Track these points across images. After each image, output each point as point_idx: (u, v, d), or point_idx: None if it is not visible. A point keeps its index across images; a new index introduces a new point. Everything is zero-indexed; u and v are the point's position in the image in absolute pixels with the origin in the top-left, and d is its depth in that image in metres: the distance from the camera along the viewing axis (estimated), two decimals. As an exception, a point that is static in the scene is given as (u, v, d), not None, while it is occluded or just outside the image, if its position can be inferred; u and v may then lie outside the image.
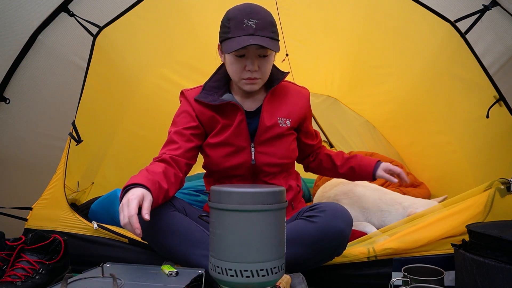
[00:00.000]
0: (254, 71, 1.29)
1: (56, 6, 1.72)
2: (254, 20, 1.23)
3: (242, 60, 1.28)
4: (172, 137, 1.35)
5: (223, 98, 1.37)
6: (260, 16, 1.24)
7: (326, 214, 1.19)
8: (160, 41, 2.14)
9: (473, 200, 1.37)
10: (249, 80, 1.31)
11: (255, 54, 1.27)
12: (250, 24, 1.22)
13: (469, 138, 1.92)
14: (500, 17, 1.61)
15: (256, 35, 1.22)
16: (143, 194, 1.05)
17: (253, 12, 1.24)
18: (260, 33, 1.23)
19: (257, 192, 0.93)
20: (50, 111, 1.96)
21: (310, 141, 1.54)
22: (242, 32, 1.23)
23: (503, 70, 1.68)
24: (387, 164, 1.54)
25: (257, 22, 1.23)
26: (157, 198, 1.13)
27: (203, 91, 1.39)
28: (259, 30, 1.23)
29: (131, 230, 1.01)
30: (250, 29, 1.22)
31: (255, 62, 1.28)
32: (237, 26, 1.24)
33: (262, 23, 1.24)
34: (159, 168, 1.20)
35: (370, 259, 1.32)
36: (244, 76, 1.30)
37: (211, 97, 1.37)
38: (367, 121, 3.07)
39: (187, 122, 1.37)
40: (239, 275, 0.91)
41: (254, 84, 1.32)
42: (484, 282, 1.06)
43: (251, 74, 1.29)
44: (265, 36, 1.23)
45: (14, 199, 1.74)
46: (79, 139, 1.74)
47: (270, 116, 1.37)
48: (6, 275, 1.18)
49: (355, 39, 2.26)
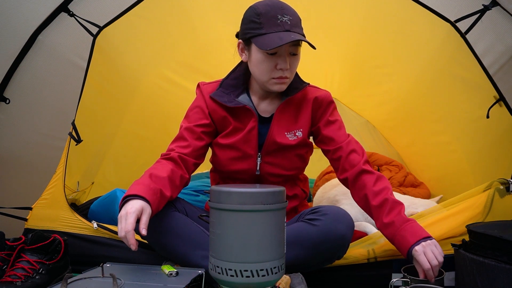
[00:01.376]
0: (286, 69, 1.24)
1: (56, 6, 1.72)
2: (288, 16, 1.18)
3: (274, 58, 1.22)
4: (183, 133, 1.32)
5: (239, 100, 1.32)
6: (292, 12, 1.21)
7: (327, 217, 1.18)
8: (160, 41, 2.14)
9: (473, 201, 1.37)
10: (280, 79, 1.25)
11: (288, 51, 1.22)
12: (285, 20, 1.17)
13: (469, 138, 1.92)
14: (500, 17, 1.61)
15: (292, 31, 1.18)
16: (142, 208, 1.04)
17: (285, 8, 1.20)
18: (295, 30, 1.19)
19: (257, 192, 0.93)
20: (50, 111, 1.96)
21: (325, 146, 1.37)
22: (278, 28, 1.17)
23: (503, 70, 1.68)
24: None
25: (291, 18, 1.19)
26: (157, 208, 1.12)
27: (219, 89, 1.34)
28: (293, 27, 1.19)
29: (127, 244, 1.02)
30: (286, 25, 1.17)
31: (287, 60, 1.22)
32: (271, 21, 1.17)
33: (295, 20, 1.20)
34: (165, 172, 1.18)
35: (370, 261, 1.32)
36: (275, 75, 1.24)
37: (227, 97, 1.32)
38: (367, 121, 3.07)
39: (199, 118, 1.33)
40: (239, 275, 0.91)
41: (283, 84, 1.27)
42: (484, 282, 1.06)
43: (283, 73, 1.24)
44: (299, 32, 1.20)
45: (14, 199, 1.74)
46: (79, 139, 1.74)
47: (279, 128, 1.32)
48: (6, 275, 1.17)
49: (355, 39, 2.26)
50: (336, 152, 1.32)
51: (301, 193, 1.44)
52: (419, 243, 1.13)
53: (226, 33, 1.98)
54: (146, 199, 1.07)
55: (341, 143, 1.32)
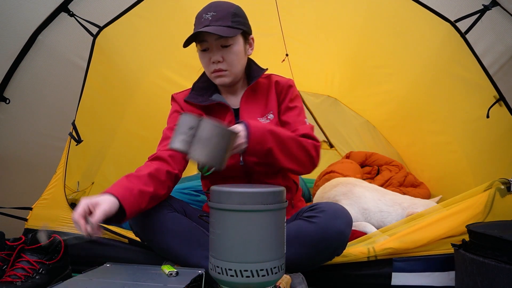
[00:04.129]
0: (218, 62, 1.28)
1: (56, 6, 1.72)
2: (211, 13, 1.24)
3: (207, 54, 1.29)
4: (166, 134, 1.36)
5: (212, 98, 1.37)
6: (220, 8, 1.26)
7: (325, 214, 1.18)
8: (160, 41, 2.14)
9: (473, 200, 1.37)
10: (216, 73, 1.30)
11: (217, 45, 1.27)
12: (207, 17, 1.24)
13: (469, 138, 1.92)
14: (500, 17, 1.61)
15: (211, 25, 1.23)
16: (97, 201, 1.03)
17: (213, 6, 1.26)
18: (215, 24, 1.23)
19: (257, 192, 0.93)
20: (50, 111, 1.96)
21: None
22: (199, 26, 1.25)
23: (503, 70, 1.68)
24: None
25: (214, 14, 1.24)
26: (137, 204, 1.11)
27: (192, 92, 1.40)
28: (214, 21, 1.23)
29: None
30: (206, 22, 1.24)
31: (217, 53, 1.28)
32: (197, 21, 1.27)
33: (220, 14, 1.24)
34: (146, 170, 1.18)
35: (370, 259, 1.32)
36: (211, 69, 1.30)
37: (201, 98, 1.38)
38: (367, 121, 3.08)
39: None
40: (239, 275, 0.91)
41: (223, 77, 1.31)
42: (484, 282, 1.06)
43: (217, 66, 1.29)
44: (221, 25, 1.23)
45: (14, 199, 1.74)
46: (79, 139, 1.74)
47: (250, 115, 1.35)
48: (6, 275, 1.17)
49: (355, 39, 2.26)
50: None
51: (293, 185, 1.42)
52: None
53: (226, 33, 1.98)
54: (114, 195, 1.06)
55: (297, 127, 1.32)
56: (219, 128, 1.01)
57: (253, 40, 1.37)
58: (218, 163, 1.02)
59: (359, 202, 1.83)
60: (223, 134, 1.01)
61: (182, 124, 1.03)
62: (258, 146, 1.14)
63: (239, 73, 1.35)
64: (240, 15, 1.29)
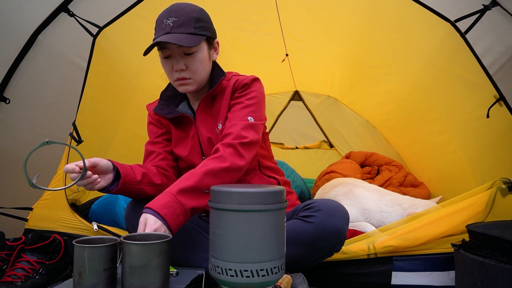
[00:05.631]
0: (181, 70, 1.24)
1: (56, 6, 1.72)
2: (172, 18, 1.19)
3: (170, 61, 1.25)
4: (148, 149, 1.38)
5: (178, 109, 1.35)
6: (181, 13, 1.20)
7: (321, 213, 1.18)
8: (160, 41, 2.14)
9: (474, 199, 1.37)
10: (180, 81, 1.26)
11: (179, 52, 1.22)
12: (168, 23, 1.19)
13: (469, 138, 1.92)
14: (500, 17, 1.61)
15: (172, 33, 1.18)
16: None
17: (174, 11, 1.21)
18: (176, 31, 1.19)
19: (257, 192, 0.93)
20: (50, 111, 1.96)
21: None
22: (160, 32, 1.20)
23: (503, 70, 1.68)
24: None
25: (175, 19, 1.19)
26: (128, 168, 1.19)
27: (160, 102, 1.38)
28: (176, 28, 1.19)
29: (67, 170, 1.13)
30: (167, 28, 1.19)
31: (180, 61, 1.23)
32: (158, 27, 1.22)
33: (181, 20, 1.19)
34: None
35: (370, 256, 1.32)
36: (175, 77, 1.26)
37: (167, 108, 1.36)
38: (367, 121, 3.08)
39: (155, 132, 1.39)
40: (239, 275, 0.91)
41: (186, 85, 1.26)
42: (484, 282, 1.06)
43: (180, 74, 1.24)
44: (183, 32, 1.19)
45: (14, 199, 1.74)
46: (79, 139, 1.74)
47: (207, 125, 1.31)
48: (6, 275, 1.18)
49: (355, 39, 2.26)
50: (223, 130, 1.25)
51: (275, 182, 1.38)
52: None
53: (225, 33, 1.99)
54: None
55: (233, 122, 1.23)
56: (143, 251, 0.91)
57: (218, 44, 1.32)
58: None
59: (359, 203, 1.83)
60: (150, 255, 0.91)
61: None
62: (181, 217, 1.06)
63: (204, 80, 1.30)
64: (203, 19, 1.24)
